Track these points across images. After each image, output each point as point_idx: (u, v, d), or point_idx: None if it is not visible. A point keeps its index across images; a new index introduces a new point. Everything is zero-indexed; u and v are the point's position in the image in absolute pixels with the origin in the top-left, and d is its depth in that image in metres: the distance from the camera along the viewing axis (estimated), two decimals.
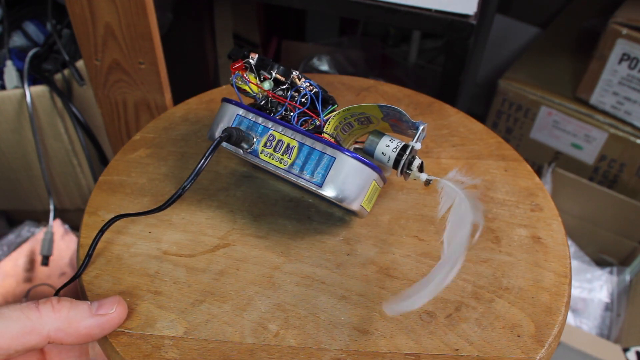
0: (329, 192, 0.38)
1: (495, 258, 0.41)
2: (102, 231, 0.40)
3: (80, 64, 0.80)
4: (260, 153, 0.39)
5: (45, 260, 0.80)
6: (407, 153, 0.39)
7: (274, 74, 0.42)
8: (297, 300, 0.38)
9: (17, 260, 0.84)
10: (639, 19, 0.95)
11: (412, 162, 0.39)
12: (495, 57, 1.37)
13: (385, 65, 1.31)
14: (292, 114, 0.41)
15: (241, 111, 0.40)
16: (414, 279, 0.40)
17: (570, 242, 0.40)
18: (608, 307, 1.03)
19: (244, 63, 0.42)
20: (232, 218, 0.43)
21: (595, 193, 1.08)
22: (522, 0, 1.37)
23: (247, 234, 0.42)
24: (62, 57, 0.81)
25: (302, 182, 0.38)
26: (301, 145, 0.38)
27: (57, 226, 0.87)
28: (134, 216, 0.41)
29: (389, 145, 0.40)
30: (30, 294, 0.83)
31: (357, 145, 0.44)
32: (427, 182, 0.40)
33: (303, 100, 0.41)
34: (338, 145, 0.38)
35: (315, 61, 1.16)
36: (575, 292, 1.03)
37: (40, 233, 0.87)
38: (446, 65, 0.79)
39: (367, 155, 0.40)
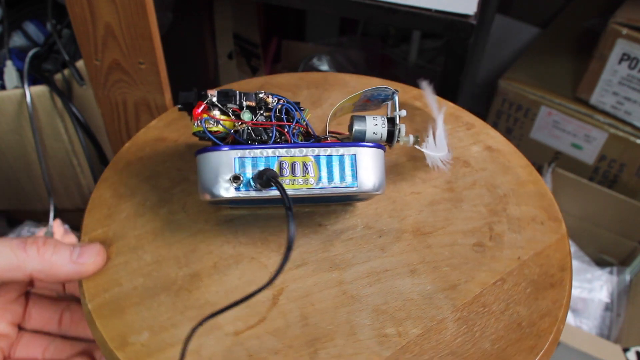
0: (366, 187, 0.38)
1: (478, 178, 0.46)
2: (186, 345, 0.34)
3: (80, 64, 0.80)
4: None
5: None
6: (397, 123, 0.40)
7: (245, 102, 0.39)
8: (383, 296, 0.39)
9: None
10: (639, 19, 0.95)
11: (400, 130, 0.41)
12: (495, 57, 1.37)
13: (385, 65, 1.31)
14: (272, 133, 0.39)
15: (238, 153, 0.36)
16: (442, 225, 0.43)
17: (570, 242, 0.43)
18: (608, 307, 1.03)
19: (206, 103, 0.38)
20: (260, 265, 0.40)
21: (595, 193, 1.08)
22: (522, 0, 1.37)
23: (287, 270, 0.40)
24: (62, 57, 0.81)
25: (335, 191, 0.38)
26: (317, 157, 0.37)
27: (57, 226, 0.87)
28: (222, 312, 0.34)
29: (376, 124, 0.40)
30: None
31: (338, 136, 0.44)
32: (416, 141, 0.42)
33: (286, 116, 0.40)
34: (350, 142, 0.38)
35: (315, 61, 1.16)
36: (575, 292, 1.03)
37: (40, 233, 0.87)
38: (446, 65, 0.79)
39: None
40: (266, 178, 0.35)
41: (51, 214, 0.81)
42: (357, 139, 0.40)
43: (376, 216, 0.43)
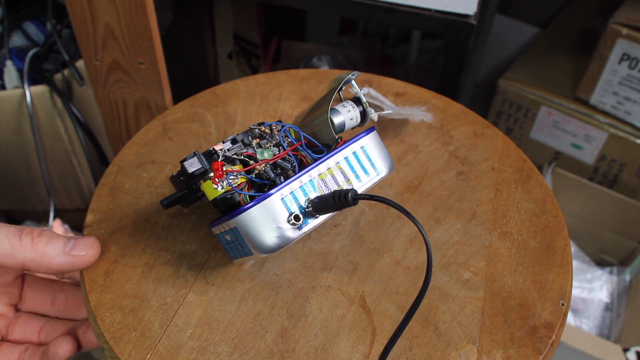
0: (386, 171, 0.40)
1: (412, 122, 0.51)
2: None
3: (80, 64, 0.80)
4: None
5: None
6: (364, 101, 0.41)
7: (253, 142, 0.38)
8: (437, 252, 0.41)
9: None
10: (639, 19, 0.95)
11: (368, 106, 0.42)
12: (495, 57, 1.37)
13: (385, 65, 1.31)
14: (293, 160, 0.39)
15: (281, 194, 0.35)
16: (422, 173, 0.47)
17: (570, 242, 0.44)
18: (608, 307, 1.03)
19: (222, 161, 0.36)
20: (325, 288, 0.39)
21: (595, 193, 1.08)
22: (522, 0, 1.37)
23: (348, 278, 0.40)
24: (62, 57, 0.81)
25: (371, 183, 0.39)
26: (342, 161, 0.38)
27: (57, 226, 0.87)
28: (402, 330, 0.34)
29: (349, 110, 0.41)
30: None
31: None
32: (377, 116, 0.43)
33: (293, 138, 0.39)
34: (353, 138, 0.39)
35: (315, 61, 1.16)
36: (575, 292, 1.03)
37: None
38: (446, 65, 0.78)
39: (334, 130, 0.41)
40: (352, 198, 0.34)
41: (51, 214, 0.81)
42: (338, 131, 0.41)
43: (369, 192, 0.44)
